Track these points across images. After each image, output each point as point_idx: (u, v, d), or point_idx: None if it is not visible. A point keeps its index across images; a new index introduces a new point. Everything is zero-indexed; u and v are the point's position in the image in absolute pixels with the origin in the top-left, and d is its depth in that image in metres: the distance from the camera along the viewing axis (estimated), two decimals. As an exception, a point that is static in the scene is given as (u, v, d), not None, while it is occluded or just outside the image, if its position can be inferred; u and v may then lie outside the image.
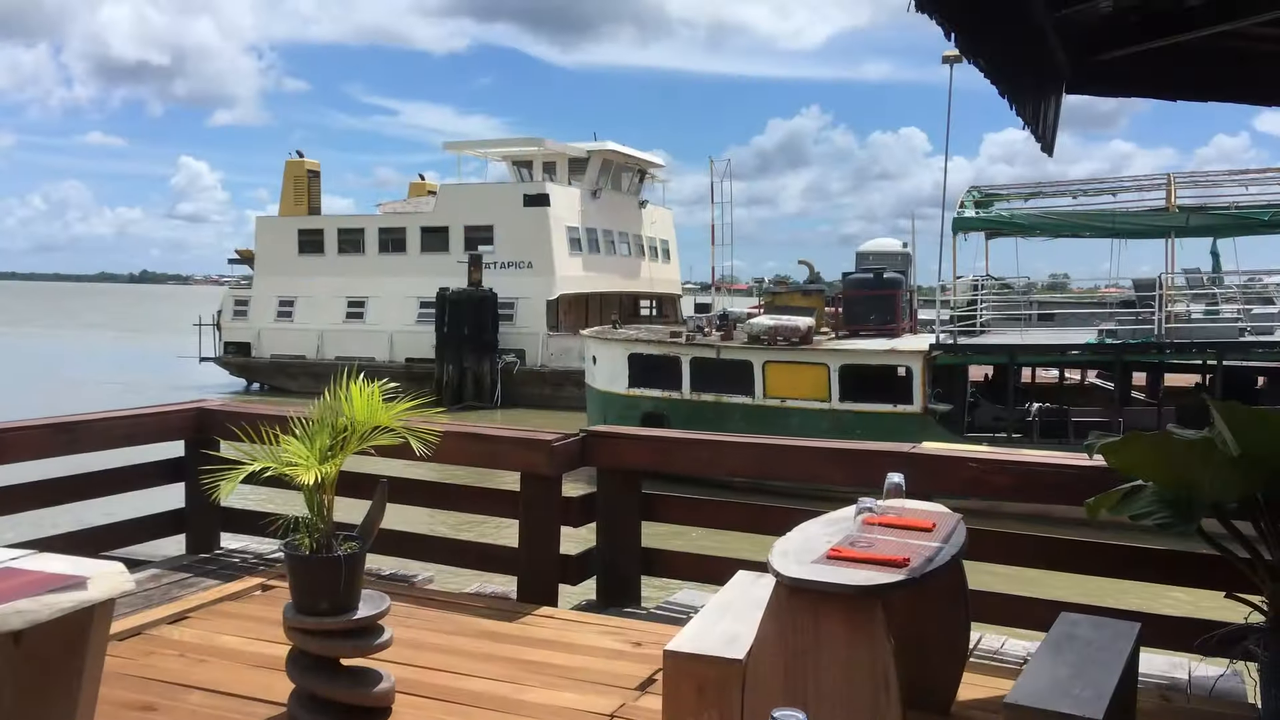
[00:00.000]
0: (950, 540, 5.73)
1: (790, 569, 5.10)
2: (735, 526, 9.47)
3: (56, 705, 4.53)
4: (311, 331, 58.70)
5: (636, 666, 7.15)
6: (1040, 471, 7.66)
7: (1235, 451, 5.62)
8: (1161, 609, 8.66)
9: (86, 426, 9.25)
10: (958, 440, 26.15)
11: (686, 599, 9.25)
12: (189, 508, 10.15)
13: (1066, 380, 35.06)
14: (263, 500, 11.44)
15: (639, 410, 32.47)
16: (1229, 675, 7.12)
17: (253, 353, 60.42)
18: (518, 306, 53.98)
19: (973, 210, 32.22)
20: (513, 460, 8.88)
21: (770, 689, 5.11)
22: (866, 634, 4.92)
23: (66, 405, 23.10)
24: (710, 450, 9.00)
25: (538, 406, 50.17)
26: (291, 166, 64.26)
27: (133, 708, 6.32)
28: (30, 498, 9.30)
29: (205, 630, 7.81)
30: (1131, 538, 7.83)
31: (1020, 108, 6.31)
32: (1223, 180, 32.62)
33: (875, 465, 7.68)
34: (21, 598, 4.32)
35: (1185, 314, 29.90)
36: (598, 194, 59.91)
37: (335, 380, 6.21)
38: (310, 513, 6.07)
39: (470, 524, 19.67)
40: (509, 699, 6.60)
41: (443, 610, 8.38)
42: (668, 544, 9.63)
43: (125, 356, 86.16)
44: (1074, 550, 7.70)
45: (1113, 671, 5.07)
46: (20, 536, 8.69)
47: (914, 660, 6.16)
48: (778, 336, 31.02)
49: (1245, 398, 22.41)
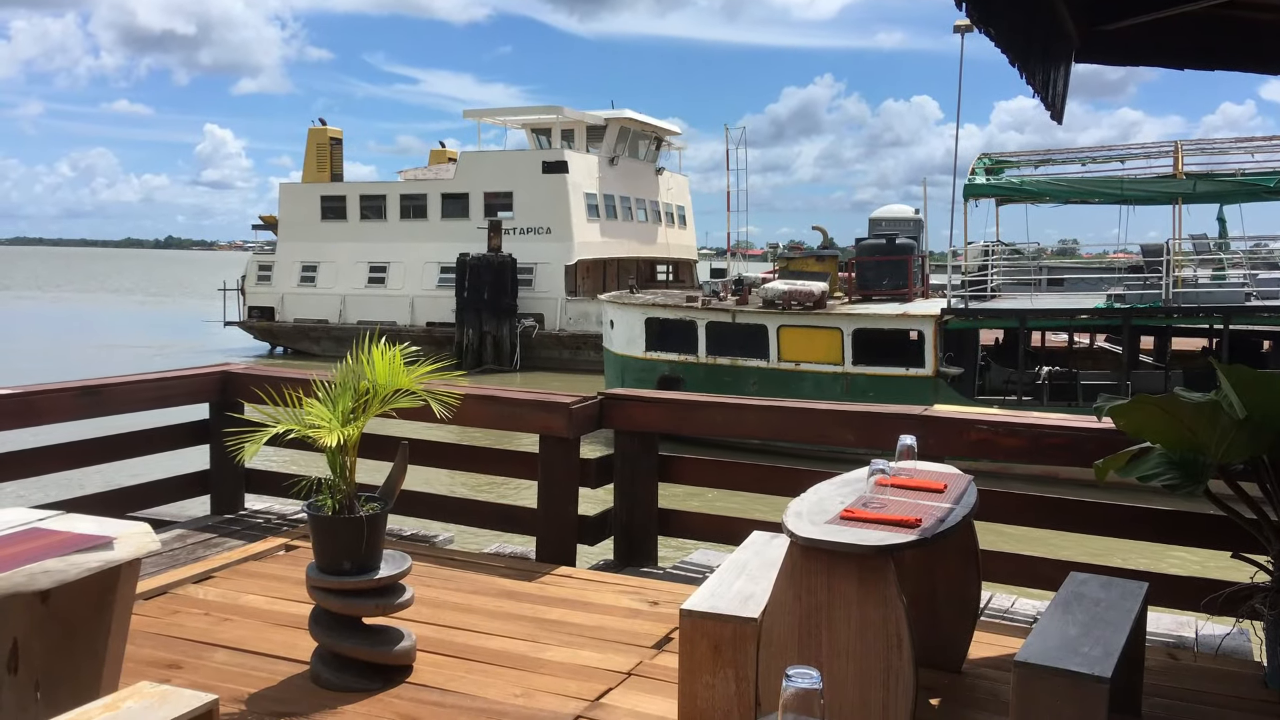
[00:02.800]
0: (961, 501, 5.72)
1: (804, 529, 5.09)
2: (750, 488, 9.46)
3: (84, 662, 4.53)
4: (334, 296, 58.73)
5: (653, 625, 7.15)
6: (1050, 434, 7.64)
7: (1241, 414, 5.62)
8: (1169, 569, 8.68)
9: (113, 390, 9.24)
10: (969, 403, 26.10)
11: (702, 559, 9.26)
12: (213, 469, 10.17)
13: (1076, 344, 34.95)
14: (286, 462, 11.49)
15: (655, 373, 32.45)
16: (1235, 633, 7.12)
17: (276, 317, 60.43)
18: (536, 271, 53.93)
19: (984, 177, 32.09)
20: (531, 423, 8.88)
21: (785, 647, 5.11)
22: (879, 593, 4.91)
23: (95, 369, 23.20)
24: (726, 413, 8.98)
25: (556, 370, 50.22)
26: (314, 134, 64.22)
27: (158, 665, 6.32)
28: (59, 459, 9.32)
29: (229, 590, 7.82)
30: (1139, 499, 7.81)
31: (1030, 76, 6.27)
32: (1229, 148, 32.46)
33: (888, 427, 7.66)
34: (50, 557, 4.33)
35: (1192, 279, 29.79)
36: (615, 161, 59.83)
37: (357, 344, 6.21)
38: (333, 474, 6.07)
39: (490, 485, 19.74)
40: (528, 657, 6.61)
41: (463, 570, 8.39)
42: (684, 505, 9.65)
43: (152, 321, 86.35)
44: (1083, 511, 7.68)
45: (1121, 630, 5.06)
46: (48, 498, 8.71)
47: (926, 619, 6.15)
48: (792, 301, 30.95)
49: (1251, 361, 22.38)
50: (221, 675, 6.24)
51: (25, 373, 34.53)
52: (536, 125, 61.40)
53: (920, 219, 39.01)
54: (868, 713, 4.91)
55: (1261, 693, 6.22)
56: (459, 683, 6.20)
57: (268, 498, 10.47)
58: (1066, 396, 27.90)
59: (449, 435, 11.25)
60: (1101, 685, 4.48)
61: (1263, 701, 6.12)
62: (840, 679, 4.95)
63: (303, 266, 60.40)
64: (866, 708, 4.93)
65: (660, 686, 6.13)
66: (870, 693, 4.94)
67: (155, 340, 67.28)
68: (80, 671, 4.52)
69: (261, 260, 62.88)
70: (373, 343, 6.17)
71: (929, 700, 6.01)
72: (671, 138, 67.87)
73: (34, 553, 4.38)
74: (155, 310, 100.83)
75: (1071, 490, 8.46)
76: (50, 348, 60.43)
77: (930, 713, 5.89)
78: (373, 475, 6.75)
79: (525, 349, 51.96)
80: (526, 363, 51.70)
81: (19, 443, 8.84)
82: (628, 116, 60.93)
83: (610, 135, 60.06)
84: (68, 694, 4.38)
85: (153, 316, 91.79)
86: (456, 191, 57.85)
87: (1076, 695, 4.52)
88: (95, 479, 10.92)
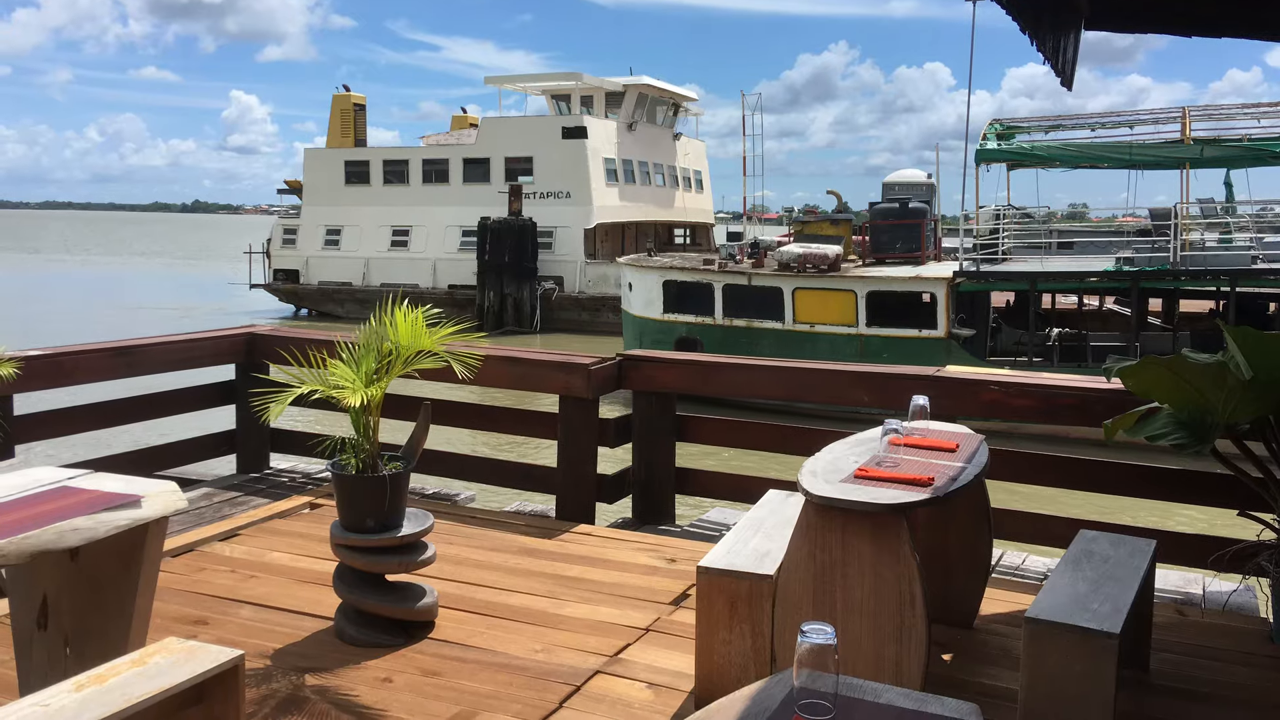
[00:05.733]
0: (973, 460, 5.71)
1: (819, 488, 5.08)
2: (765, 447, 9.47)
3: (112, 618, 4.54)
4: (357, 259, 58.73)
5: (671, 582, 7.16)
6: (1060, 394, 7.63)
7: (1247, 374, 5.60)
8: (1176, 526, 8.67)
9: (142, 351, 9.25)
10: (980, 364, 26.07)
11: (718, 517, 9.26)
12: (239, 429, 10.18)
13: (1085, 306, 34.87)
14: (310, 422, 11.51)
15: (673, 335, 32.51)
16: (1242, 590, 7.11)
17: (301, 280, 60.45)
18: (556, 235, 53.93)
19: (995, 142, 32.04)
20: (551, 383, 8.87)
21: (800, 604, 5.11)
22: (892, 551, 4.90)
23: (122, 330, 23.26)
24: (742, 374, 8.97)
25: (575, 331, 50.22)
26: (338, 100, 64.21)
27: (185, 621, 6.34)
28: (87, 419, 9.34)
29: (255, 547, 7.84)
30: (1147, 458, 7.79)
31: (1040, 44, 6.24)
32: (1236, 113, 32.40)
33: (901, 388, 7.64)
34: (79, 515, 4.33)
35: (1199, 242, 29.74)
36: (633, 127, 59.77)
37: (380, 306, 6.20)
38: (356, 434, 6.08)
39: (510, 445, 19.79)
40: (548, 613, 6.62)
41: (484, 528, 8.40)
42: (701, 464, 9.62)
43: (179, 283, 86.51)
44: (1092, 470, 7.68)
45: (1130, 587, 5.05)
46: (77, 456, 8.73)
47: (939, 576, 6.15)
48: (807, 264, 30.93)
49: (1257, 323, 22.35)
50: (247, 631, 6.25)
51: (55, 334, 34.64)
52: (556, 91, 61.34)
53: (933, 183, 38.96)
54: (881, 668, 4.90)
55: (1267, 648, 6.22)
56: (480, 638, 6.21)
57: (292, 457, 10.49)
58: (1076, 358, 27.89)
59: (470, 396, 11.23)
60: (1110, 641, 4.48)
61: (1268, 656, 6.11)
62: (854, 635, 4.95)
63: (327, 230, 60.41)
64: (880, 663, 4.92)
65: (677, 642, 6.15)
66: (884, 648, 4.94)
67: (182, 302, 67.42)
68: (109, 627, 4.53)
69: (286, 224, 62.88)
70: (395, 305, 6.17)
71: (941, 656, 6.01)
72: (689, 104, 67.77)
73: (63, 511, 4.38)
74: (182, 273, 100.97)
75: (1081, 450, 8.44)
76: (79, 310, 60.58)
77: (943, 668, 5.89)
78: (395, 435, 6.74)
79: (545, 311, 51.97)
80: (546, 324, 51.70)
81: (50, 403, 8.86)
82: (646, 83, 60.84)
83: (629, 101, 59.99)
84: (96, 649, 4.39)
85: (179, 279, 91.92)
86: (478, 156, 57.84)
87: (1086, 650, 4.51)
88: (123, 439, 10.92)
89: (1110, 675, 4.49)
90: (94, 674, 3.68)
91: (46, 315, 55.93)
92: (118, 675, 3.67)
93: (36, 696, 3.50)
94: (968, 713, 3.12)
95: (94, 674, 3.68)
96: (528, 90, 63.45)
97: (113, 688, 3.58)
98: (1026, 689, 4.68)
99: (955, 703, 3.18)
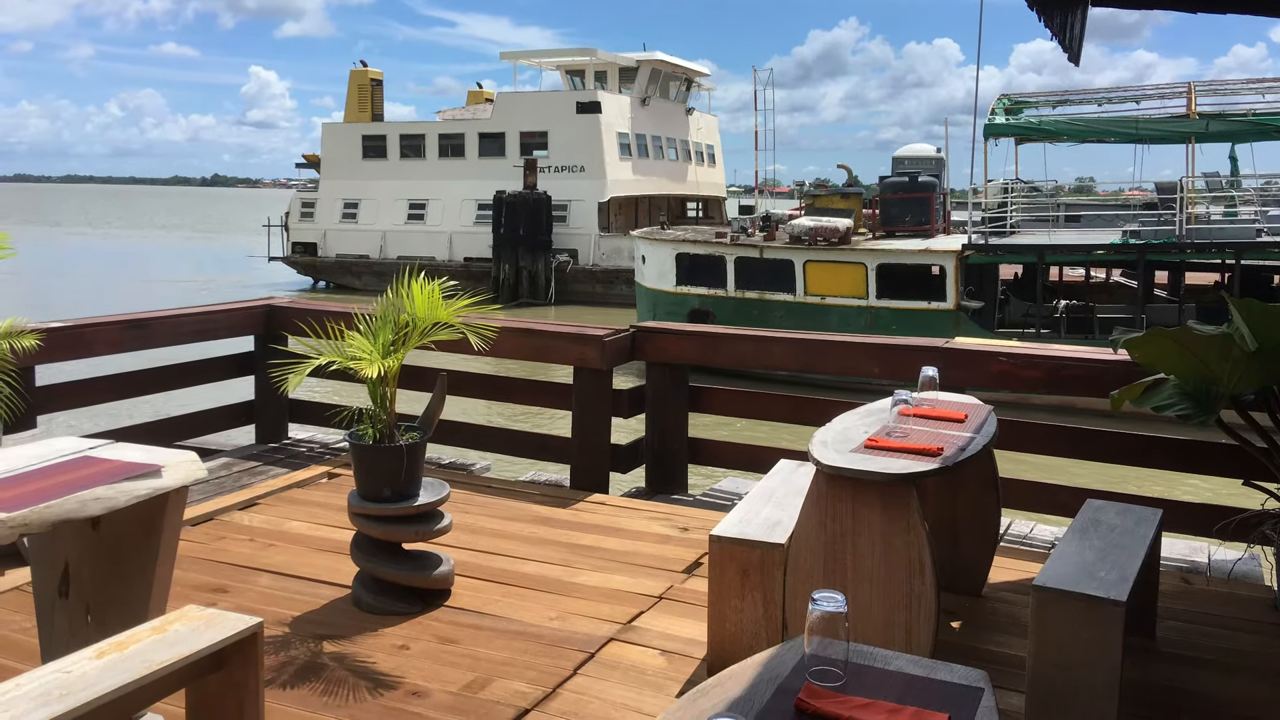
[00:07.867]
0: (981, 430, 5.71)
1: (830, 458, 5.08)
2: (777, 417, 9.46)
3: (133, 586, 4.54)
4: (374, 232, 58.66)
5: (683, 550, 7.17)
6: (1067, 365, 7.62)
7: (1252, 346, 5.59)
8: (1182, 496, 8.64)
9: (161, 323, 9.25)
10: (989, 336, 26.03)
11: (731, 486, 9.27)
12: (258, 400, 10.19)
13: (1092, 279, 34.78)
14: (328, 392, 11.50)
15: (686, 307, 32.45)
16: (1246, 559, 7.11)
17: (319, 252, 60.35)
18: (571, 208, 53.80)
19: (1003, 117, 31.93)
20: (566, 355, 8.86)
21: (810, 572, 5.11)
22: (902, 519, 4.90)
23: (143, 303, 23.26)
24: (754, 345, 8.96)
25: (589, 303, 50.16)
26: (356, 75, 64.05)
27: (205, 589, 6.35)
28: (110, 390, 9.35)
29: (274, 516, 7.86)
30: (1154, 428, 7.79)
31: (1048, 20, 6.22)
32: (1241, 88, 32.28)
33: (910, 359, 7.65)
34: (100, 485, 4.33)
35: (1205, 215, 29.68)
36: (647, 101, 59.60)
37: (397, 278, 6.20)
38: (373, 404, 6.08)
39: (525, 415, 19.76)
40: (562, 581, 6.63)
41: (499, 497, 8.41)
42: (713, 434, 9.62)
43: (199, 256, 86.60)
44: (1099, 440, 7.67)
45: (1136, 555, 5.04)
46: (98, 427, 8.73)
47: (948, 544, 6.16)
48: (818, 237, 30.89)
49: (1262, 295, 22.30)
50: (266, 599, 6.27)
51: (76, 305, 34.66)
52: (571, 67, 61.16)
53: (942, 158, 38.92)
54: (891, 635, 4.91)
55: (1271, 616, 6.22)
56: (495, 606, 6.22)
57: (311, 427, 10.50)
58: (1083, 329, 27.83)
59: (486, 367, 11.25)
60: (1117, 608, 4.47)
61: (1273, 624, 6.12)
62: (864, 603, 4.95)
63: (344, 204, 60.31)
64: (890, 630, 4.93)
65: (690, 610, 6.15)
66: (894, 616, 4.94)
67: (201, 275, 67.51)
68: (130, 595, 4.53)
69: (305, 198, 62.79)
70: (412, 277, 6.17)
71: (951, 623, 6.02)
72: (701, 79, 67.61)
73: (85, 480, 4.38)
74: (201, 246, 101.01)
75: (1088, 420, 8.44)
76: (100, 282, 60.63)
77: (952, 635, 5.89)
78: (412, 405, 6.75)
79: (559, 283, 51.88)
80: (561, 297, 51.63)
81: (71, 374, 8.86)
82: (659, 58, 60.68)
83: (642, 76, 59.82)
84: (117, 617, 4.39)
85: (199, 252, 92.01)
86: (493, 131, 57.68)
87: (1093, 618, 4.50)
88: (144, 409, 10.94)
89: (1117, 642, 4.48)
90: (115, 641, 3.68)
91: (67, 288, 55.95)
92: (138, 642, 3.67)
93: (58, 663, 3.51)
94: (976, 679, 3.11)
95: (115, 641, 3.68)
96: (543, 66, 63.26)
97: (133, 654, 3.58)
98: (1034, 656, 4.67)
99: (964, 669, 3.18)
